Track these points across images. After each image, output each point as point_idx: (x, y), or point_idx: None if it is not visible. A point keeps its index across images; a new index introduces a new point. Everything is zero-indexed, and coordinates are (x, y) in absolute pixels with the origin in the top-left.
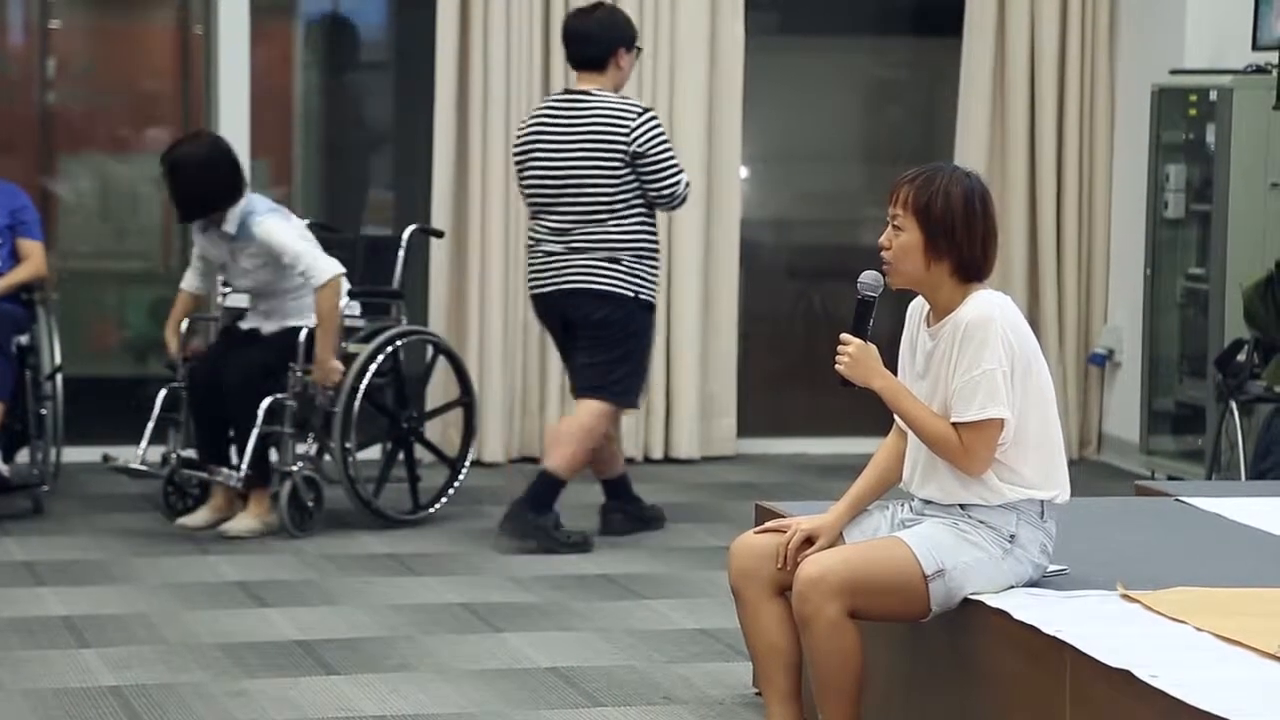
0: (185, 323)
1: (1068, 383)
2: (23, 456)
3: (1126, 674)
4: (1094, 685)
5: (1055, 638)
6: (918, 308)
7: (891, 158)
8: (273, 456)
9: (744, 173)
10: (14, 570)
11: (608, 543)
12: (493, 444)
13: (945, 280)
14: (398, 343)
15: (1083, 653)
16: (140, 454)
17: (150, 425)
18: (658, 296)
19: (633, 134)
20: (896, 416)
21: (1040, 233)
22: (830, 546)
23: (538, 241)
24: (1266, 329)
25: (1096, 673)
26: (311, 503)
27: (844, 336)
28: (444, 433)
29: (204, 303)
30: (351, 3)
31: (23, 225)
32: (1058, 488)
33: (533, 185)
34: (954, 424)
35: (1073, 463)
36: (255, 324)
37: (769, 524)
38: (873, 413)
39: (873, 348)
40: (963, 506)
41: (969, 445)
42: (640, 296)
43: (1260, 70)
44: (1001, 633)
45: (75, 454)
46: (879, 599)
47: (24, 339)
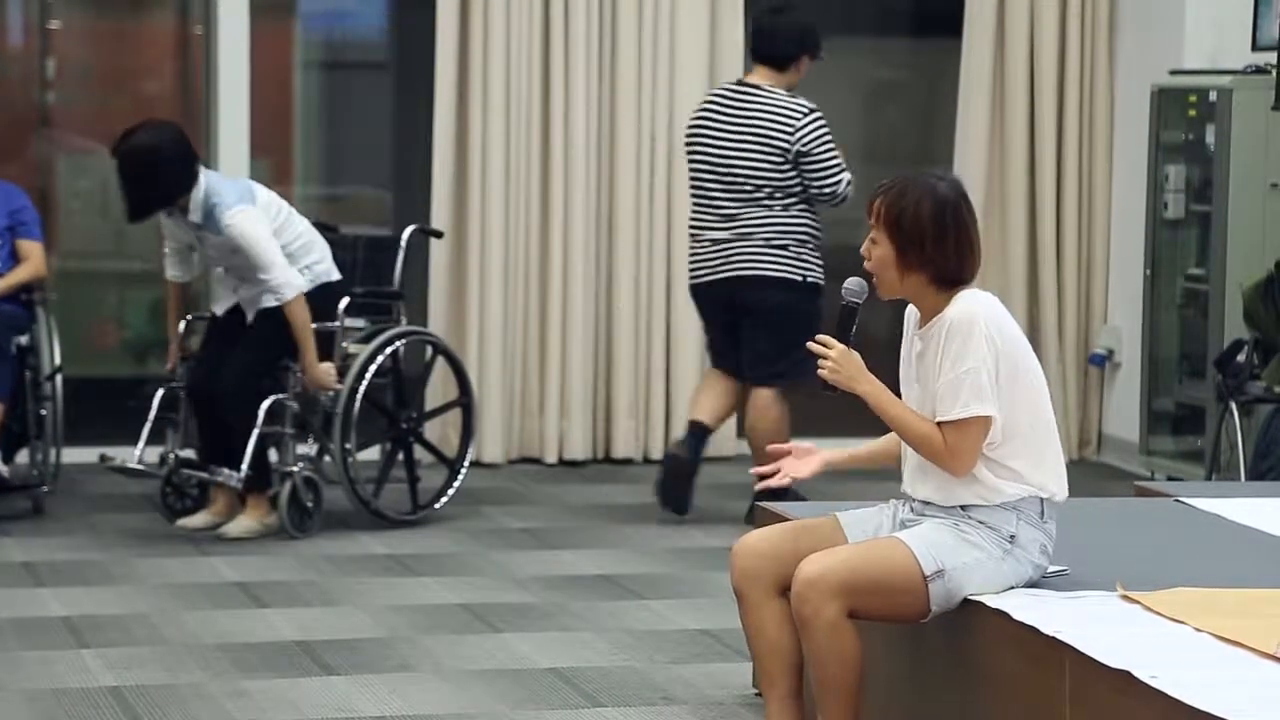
0: (184, 322)
1: (1067, 383)
2: (22, 457)
3: (1126, 674)
4: (1093, 686)
5: (1055, 638)
6: (913, 312)
7: (891, 158)
8: (273, 457)
9: None
10: (14, 571)
11: (608, 543)
12: (492, 445)
13: (925, 289)
14: (397, 343)
15: (1082, 653)
16: (138, 454)
17: (148, 425)
18: (823, 280)
19: (798, 133)
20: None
21: (1040, 233)
22: (810, 473)
23: (702, 229)
24: (1266, 329)
25: (1096, 673)
26: (311, 503)
27: (825, 340)
28: (443, 433)
29: (191, 290)
30: (351, 3)
31: (22, 226)
32: (1055, 484)
33: (698, 172)
34: (938, 423)
35: (1073, 463)
36: (234, 302)
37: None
38: (872, 413)
39: (855, 354)
40: (963, 507)
41: (953, 445)
42: (808, 279)
43: (1260, 71)
44: (1001, 633)
45: (75, 454)
46: (878, 599)
47: (23, 339)
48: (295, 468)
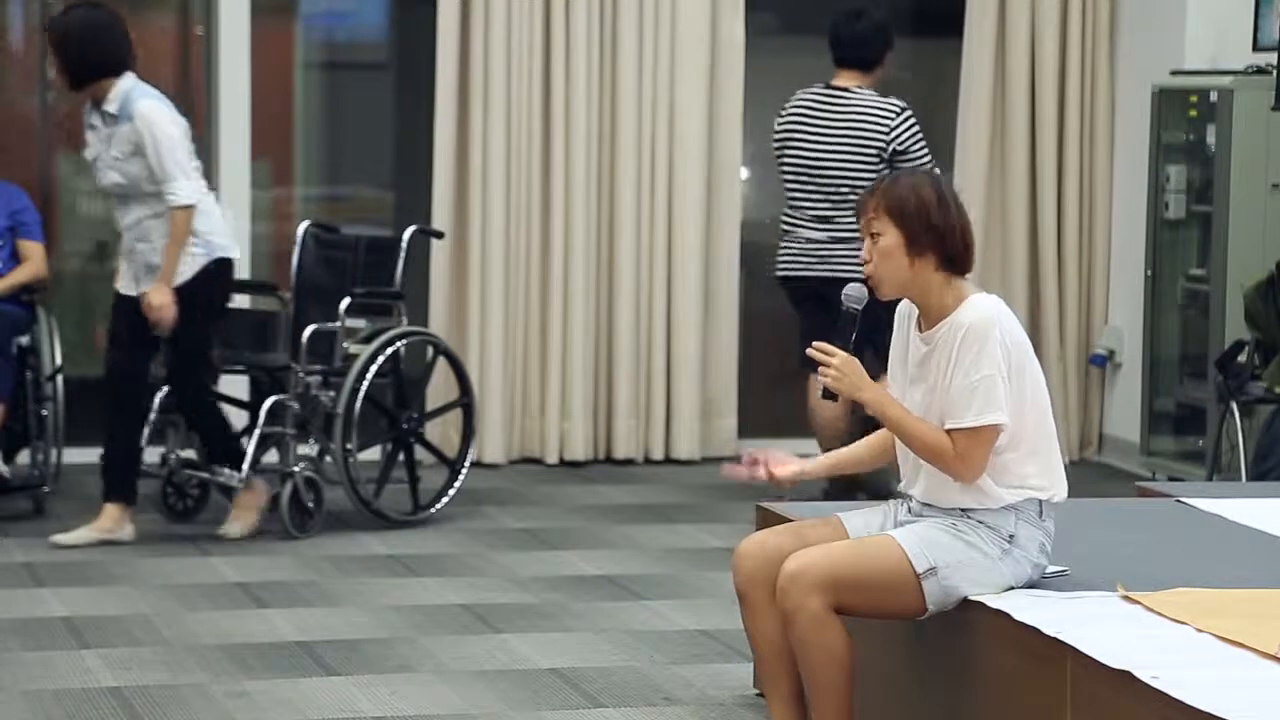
0: None
1: (1068, 383)
2: (23, 457)
3: (1127, 675)
4: (1094, 686)
5: (1056, 639)
6: (906, 311)
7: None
8: (273, 457)
9: (744, 173)
10: (14, 571)
11: (608, 543)
12: (493, 445)
13: (932, 278)
14: (398, 344)
15: (1083, 654)
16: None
17: (149, 426)
18: None
19: (893, 132)
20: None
21: (1041, 233)
22: (794, 478)
23: (795, 228)
24: (1267, 330)
25: (1097, 674)
26: (312, 504)
27: (825, 347)
28: (444, 434)
29: None
30: (352, 3)
31: (23, 226)
32: (1055, 486)
33: (793, 174)
34: (950, 430)
35: (1073, 464)
36: (128, 286)
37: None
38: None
39: (856, 360)
40: (963, 509)
41: (964, 451)
42: None
43: (1260, 71)
44: (1002, 633)
45: (76, 455)
46: (867, 595)
47: (24, 340)
48: (296, 468)
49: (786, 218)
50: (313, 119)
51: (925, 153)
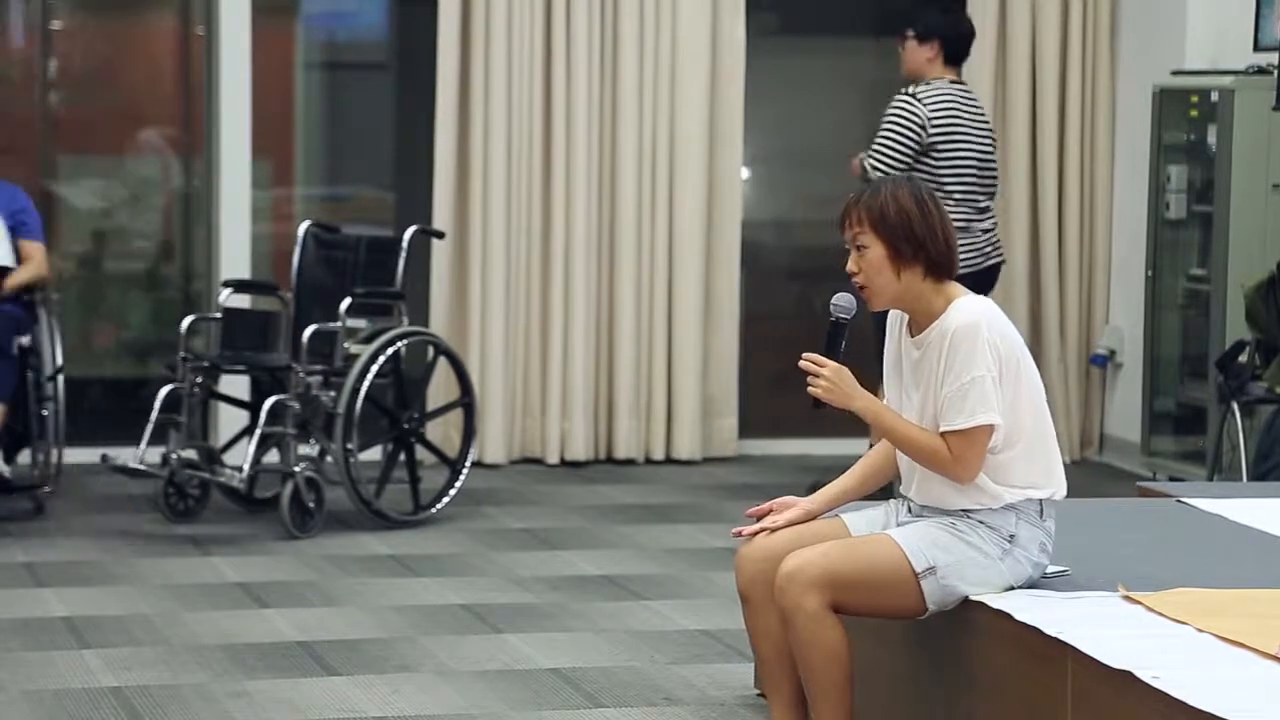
0: (187, 322)
1: (1069, 383)
2: (24, 457)
3: (1128, 675)
4: (1095, 686)
5: (1057, 639)
6: (897, 319)
7: None
8: (274, 457)
9: (745, 174)
10: (15, 571)
11: (609, 543)
12: (493, 445)
13: (920, 285)
14: (399, 344)
15: (1084, 654)
16: (140, 454)
17: (150, 426)
18: None
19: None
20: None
21: (1042, 233)
22: (803, 519)
23: (971, 222)
24: (1268, 330)
25: (1098, 674)
26: (313, 504)
27: (815, 358)
28: (445, 434)
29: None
30: (353, 3)
31: (24, 227)
32: (1055, 484)
33: (964, 168)
34: (944, 432)
35: (1074, 464)
36: None
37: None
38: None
39: (846, 370)
40: (963, 510)
41: (959, 453)
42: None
43: (1261, 71)
44: (1003, 633)
45: (76, 455)
46: (865, 594)
47: (25, 340)
48: (297, 468)
49: (959, 215)
50: (313, 119)
51: None
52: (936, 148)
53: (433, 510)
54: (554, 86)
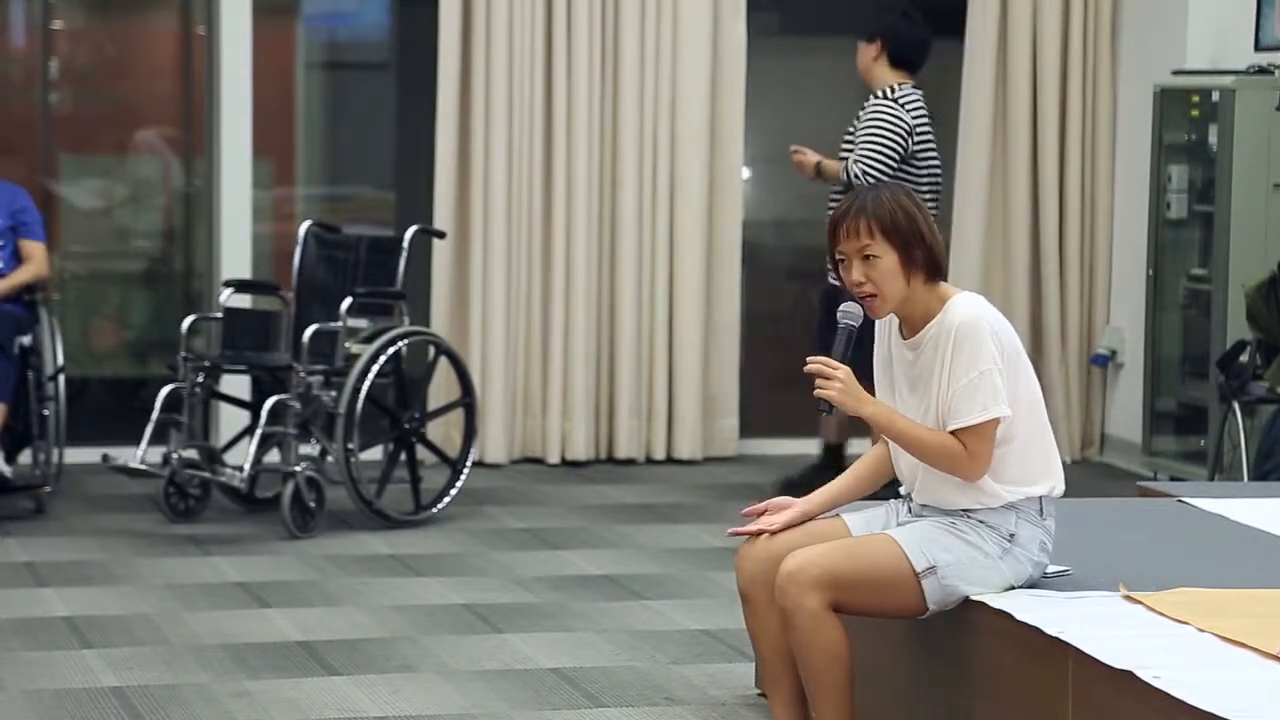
0: (188, 321)
1: (1070, 383)
2: (25, 457)
3: (1129, 675)
4: (1096, 686)
5: (1057, 638)
6: (885, 324)
7: None
8: (275, 457)
9: (746, 173)
10: (16, 571)
11: (610, 543)
12: (494, 445)
13: (920, 288)
14: (400, 343)
15: (1085, 653)
16: (140, 454)
17: (150, 425)
18: None
19: None
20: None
21: (1043, 233)
22: (800, 520)
23: None
24: (1269, 330)
25: (1099, 673)
26: (313, 503)
27: (827, 361)
28: (445, 433)
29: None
30: (353, 3)
31: (25, 226)
32: (1053, 480)
33: (934, 170)
34: (956, 430)
35: (1075, 464)
36: None
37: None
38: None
39: (853, 376)
40: (963, 510)
41: (974, 449)
42: None
43: (1263, 71)
44: (1004, 633)
45: (77, 454)
46: (865, 594)
47: (26, 340)
48: (298, 468)
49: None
50: (314, 119)
51: None
52: (917, 155)
53: (434, 510)
54: (555, 86)
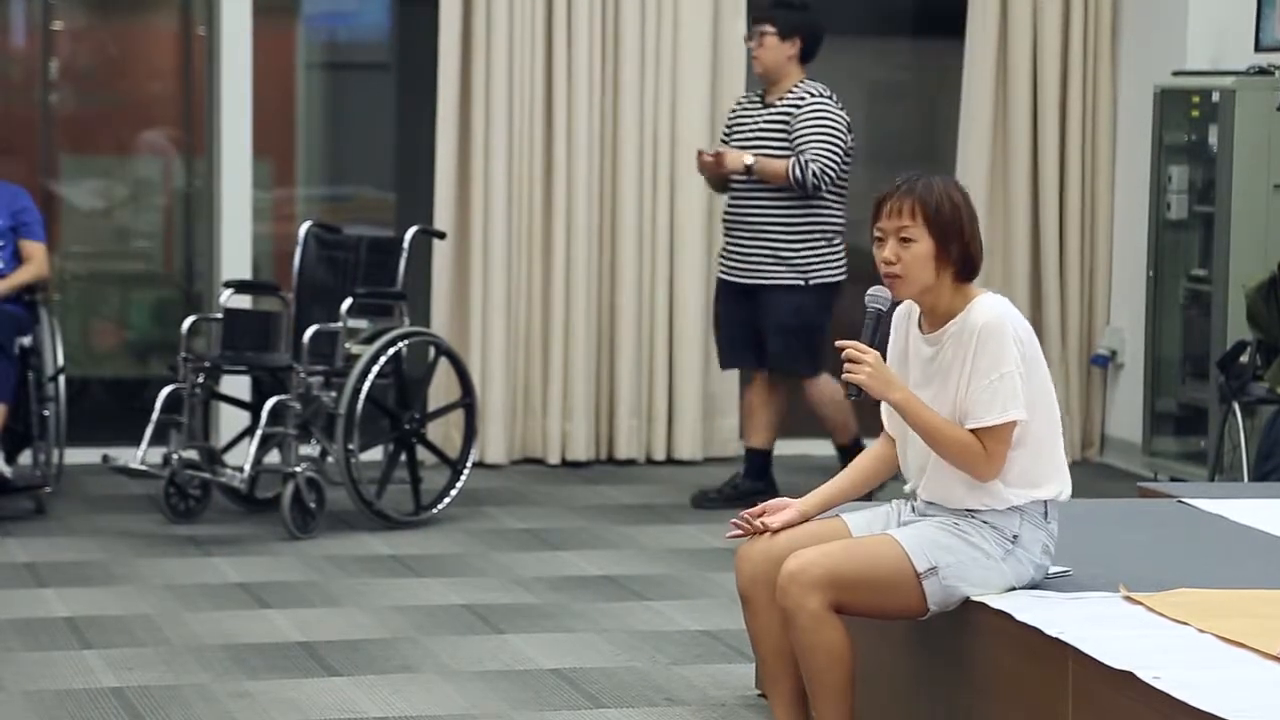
0: (188, 322)
1: (1070, 384)
2: (25, 458)
3: (1129, 675)
4: (1096, 686)
5: (1058, 639)
6: (904, 314)
7: (893, 159)
8: (275, 458)
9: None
10: (16, 571)
11: (610, 543)
12: (494, 445)
13: (947, 284)
14: (400, 344)
15: (1085, 654)
16: (141, 455)
17: (151, 426)
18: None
19: None
20: (886, 421)
21: (1043, 234)
22: (794, 521)
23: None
24: (1269, 330)
25: (1099, 674)
26: (314, 504)
27: (858, 345)
28: (446, 434)
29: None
30: (354, 3)
31: (25, 227)
32: (1060, 485)
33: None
34: (975, 429)
35: (1075, 464)
36: None
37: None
38: (875, 414)
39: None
40: (968, 510)
41: (992, 450)
42: None
43: (1263, 71)
44: (1004, 634)
45: (77, 455)
46: (867, 595)
47: (26, 340)
48: (298, 468)
49: (844, 219)
50: (314, 119)
51: None
52: (849, 153)
53: (434, 510)
54: (555, 87)
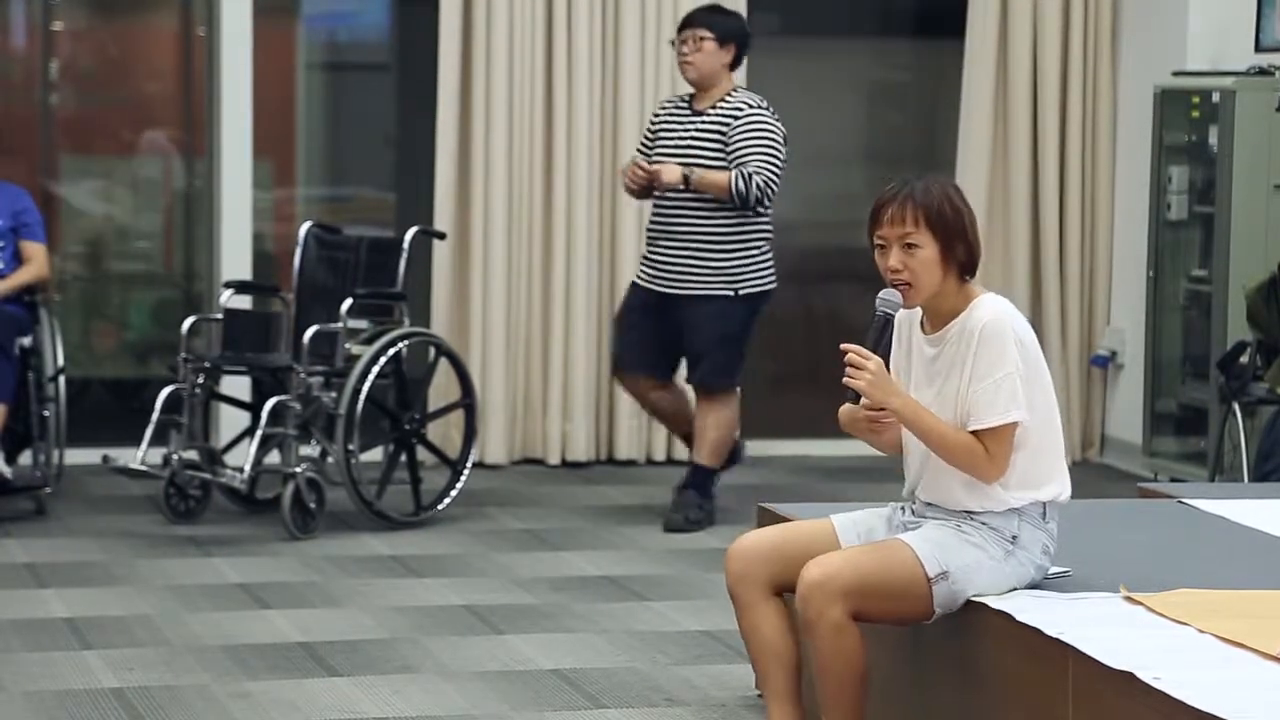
0: (188, 322)
1: (1070, 384)
2: (25, 458)
3: (1129, 676)
4: (1096, 687)
5: (1058, 639)
6: (906, 317)
7: (893, 160)
8: (275, 458)
9: None
10: (16, 572)
11: (610, 544)
12: (494, 446)
13: (951, 284)
14: (400, 344)
15: (1085, 654)
16: (141, 455)
17: (151, 426)
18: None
19: None
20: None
21: (1043, 234)
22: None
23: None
24: (1269, 331)
25: (1099, 674)
26: (314, 504)
27: (860, 350)
28: (446, 434)
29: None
30: (354, 4)
31: (25, 227)
32: (1060, 486)
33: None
34: (976, 431)
35: (1075, 465)
36: None
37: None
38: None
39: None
40: (967, 511)
41: (994, 452)
42: None
43: (1263, 72)
44: (1004, 634)
45: (78, 455)
46: (883, 602)
47: (26, 341)
48: (298, 469)
49: (770, 226)
50: (314, 120)
51: None
52: (784, 164)
53: (434, 511)
54: (555, 87)
